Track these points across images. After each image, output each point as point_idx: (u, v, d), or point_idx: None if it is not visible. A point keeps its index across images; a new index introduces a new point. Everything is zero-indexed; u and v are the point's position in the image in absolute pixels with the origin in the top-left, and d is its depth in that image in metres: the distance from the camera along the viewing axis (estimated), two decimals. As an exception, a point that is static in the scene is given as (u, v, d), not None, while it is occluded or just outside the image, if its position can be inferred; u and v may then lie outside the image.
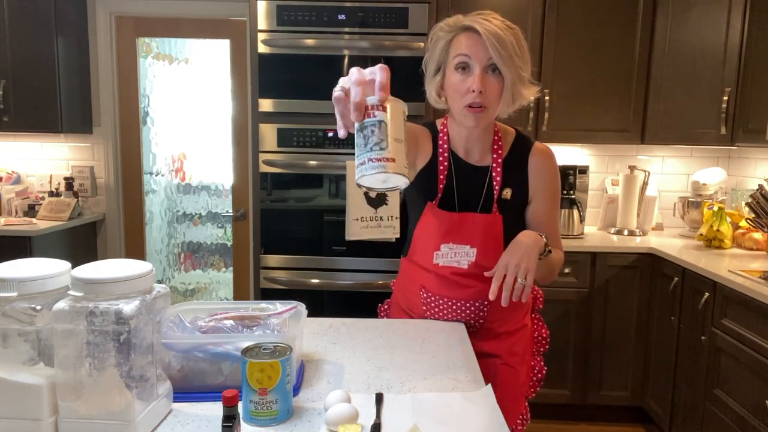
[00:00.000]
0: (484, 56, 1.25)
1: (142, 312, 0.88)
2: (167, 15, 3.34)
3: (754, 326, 2.05)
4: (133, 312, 0.86)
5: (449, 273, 1.43)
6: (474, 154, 1.43)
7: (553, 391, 2.90)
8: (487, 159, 1.42)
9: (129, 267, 0.91)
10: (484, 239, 1.39)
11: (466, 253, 1.40)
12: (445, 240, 1.41)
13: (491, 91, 1.27)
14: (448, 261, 1.42)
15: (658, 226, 3.33)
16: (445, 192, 1.41)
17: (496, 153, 1.41)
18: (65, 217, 3.14)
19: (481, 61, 1.26)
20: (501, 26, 1.25)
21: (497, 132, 1.43)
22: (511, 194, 1.41)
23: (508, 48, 1.24)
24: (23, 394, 0.87)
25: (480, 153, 1.42)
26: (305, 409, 1.01)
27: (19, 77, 3.05)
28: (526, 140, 1.45)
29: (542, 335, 1.60)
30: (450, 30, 1.31)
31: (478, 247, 1.40)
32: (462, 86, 1.28)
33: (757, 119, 2.73)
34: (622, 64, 2.97)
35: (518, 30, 1.29)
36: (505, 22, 1.28)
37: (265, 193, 2.78)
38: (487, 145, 1.42)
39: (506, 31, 1.25)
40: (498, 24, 1.25)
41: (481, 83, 1.25)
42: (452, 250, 1.41)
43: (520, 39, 1.28)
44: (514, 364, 1.47)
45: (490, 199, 1.41)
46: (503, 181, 1.41)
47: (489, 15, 1.28)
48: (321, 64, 2.69)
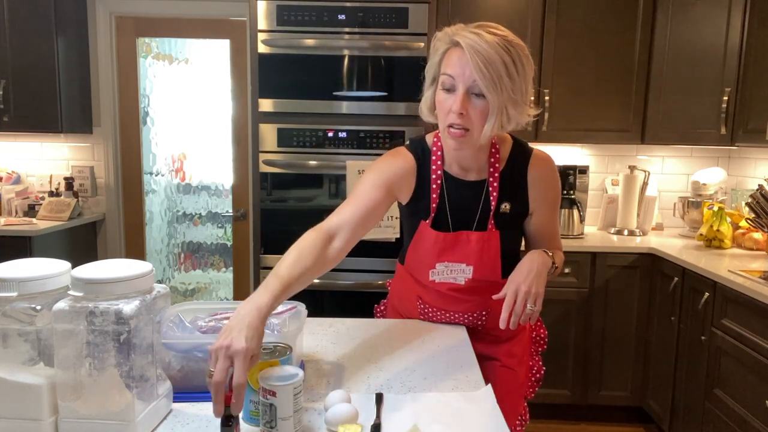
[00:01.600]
0: (468, 77, 1.15)
1: (142, 312, 0.88)
2: (167, 15, 3.34)
3: (754, 326, 2.05)
4: (133, 312, 0.86)
5: (446, 289, 1.42)
6: (470, 168, 1.36)
7: (553, 391, 2.90)
8: (484, 173, 1.36)
9: (129, 267, 0.91)
10: (480, 257, 1.36)
11: (462, 271, 1.38)
12: (440, 259, 1.38)
13: (474, 114, 1.18)
14: (444, 278, 1.40)
15: (658, 226, 3.33)
16: (438, 211, 1.36)
17: (493, 167, 1.35)
18: (65, 217, 3.14)
19: (465, 82, 1.16)
20: (493, 43, 1.13)
21: (494, 144, 1.36)
22: (509, 207, 1.36)
23: (497, 70, 1.13)
24: (23, 394, 0.87)
25: (477, 168, 1.36)
26: (305, 409, 1.01)
27: (19, 77, 3.05)
28: (524, 149, 1.38)
29: (540, 335, 1.59)
30: (446, 41, 1.21)
31: (474, 265, 1.37)
32: (445, 105, 1.21)
33: (757, 119, 2.73)
34: (622, 64, 2.97)
35: (521, 48, 1.18)
36: (505, 38, 1.16)
37: (265, 193, 2.78)
38: (483, 159, 1.35)
39: (500, 51, 1.13)
40: (491, 40, 1.13)
41: (462, 105, 1.17)
42: (448, 268, 1.38)
43: (519, 58, 1.16)
44: (513, 366, 1.47)
45: (486, 215, 1.36)
46: (501, 194, 1.36)
47: (487, 29, 1.16)
48: (321, 64, 2.69)
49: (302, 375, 0.92)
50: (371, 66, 2.70)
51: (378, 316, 1.69)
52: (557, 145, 3.29)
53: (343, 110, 2.72)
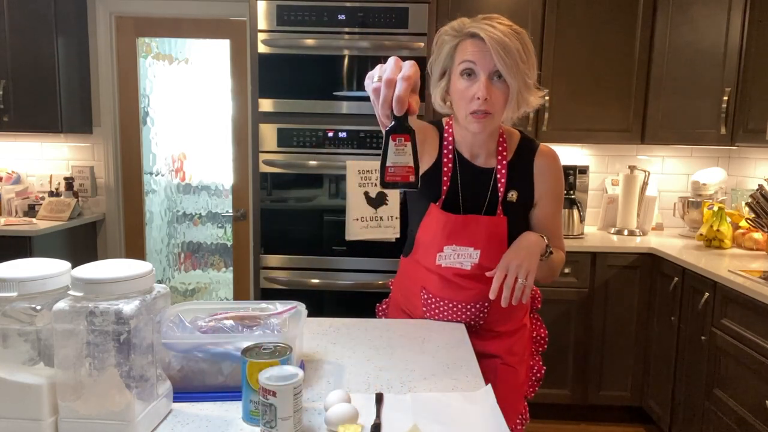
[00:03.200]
0: (489, 64, 1.25)
1: (142, 312, 0.88)
2: (167, 15, 3.34)
3: (754, 326, 2.05)
4: (133, 312, 0.86)
5: (451, 274, 1.43)
6: (479, 156, 1.42)
7: (553, 391, 2.90)
8: (492, 161, 1.42)
9: (129, 267, 0.91)
10: (488, 241, 1.39)
11: (469, 255, 1.40)
12: (448, 242, 1.40)
13: (496, 99, 1.27)
14: (450, 262, 1.42)
15: (658, 226, 3.33)
16: (449, 193, 1.41)
17: (501, 155, 1.41)
18: (65, 217, 3.14)
19: (486, 69, 1.25)
20: (507, 32, 1.24)
21: (502, 134, 1.43)
22: (516, 196, 1.41)
23: (513, 56, 1.23)
24: (23, 394, 0.87)
25: (485, 156, 1.42)
26: (305, 409, 1.00)
27: (19, 77, 3.05)
28: (531, 142, 1.45)
29: (541, 335, 1.60)
30: (456, 35, 1.30)
31: (482, 249, 1.39)
32: (467, 93, 1.28)
33: (757, 119, 2.73)
34: (622, 64, 2.97)
35: (524, 34, 1.28)
36: (511, 26, 1.26)
37: (265, 193, 2.78)
38: (492, 148, 1.42)
39: (512, 37, 1.23)
40: (503, 30, 1.24)
41: (486, 90, 1.25)
42: (455, 252, 1.41)
43: (526, 44, 1.27)
44: (514, 364, 1.48)
45: (495, 201, 1.41)
46: (508, 183, 1.41)
47: (495, 20, 1.26)
48: (321, 64, 2.69)
49: (302, 375, 0.92)
50: (371, 66, 2.69)
51: (380, 315, 1.70)
52: (557, 145, 3.25)
53: (343, 110, 2.72)
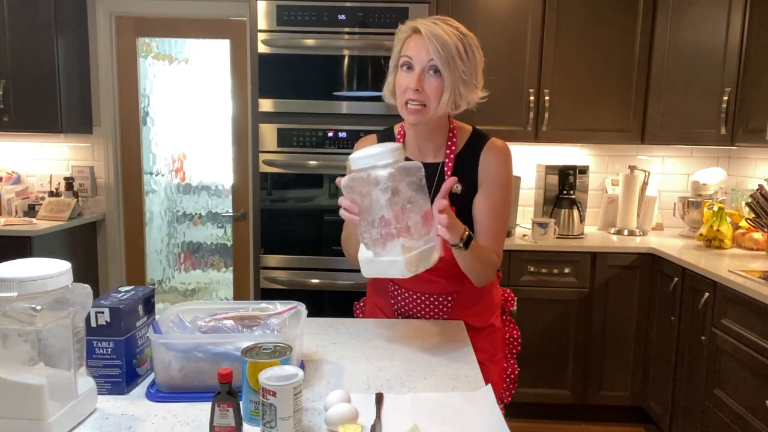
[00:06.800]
0: (425, 57, 1.30)
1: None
2: (167, 15, 3.34)
3: (754, 326, 2.05)
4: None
5: None
6: (427, 152, 1.45)
7: (553, 391, 2.90)
8: (441, 156, 1.45)
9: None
10: None
11: None
12: None
13: (430, 90, 1.31)
14: None
15: (658, 226, 3.33)
16: None
17: (450, 149, 1.44)
18: (65, 217, 3.14)
19: (421, 62, 1.31)
20: (449, 31, 1.29)
21: (452, 129, 1.45)
22: (461, 189, 1.41)
23: (449, 50, 1.28)
24: (23, 394, 0.87)
25: (434, 150, 1.45)
26: (305, 409, 1.01)
27: (19, 77, 3.05)
28: (483, 137, 1.46)
29: (514, 336, 1.62)
30: (406, 31, 1.36)
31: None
32: (403, 83, 1.34)
33: (757, 119, 2.73)
34: (621, 64, 2.97)
35: (472, 38, 1.33)
36: (458, 28, 1.32)
37: (265, 193, 2.78)
38: (440, 142, 1.44)
39: (453, 36, 1.29)
40: (446, 29, 1.29)
41: (418, 82, 1.30)
42: None
43: (470, 46, 1.32)
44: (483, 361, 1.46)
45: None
46: (454, 176, 1.39)
47: (443, 20, 1.32)
48: (321, 64, 2.69)
49: (302, 375, 0.92)
50: (371, 66, 2.70)
51: (357, 313, 1.73)
52: (557, 145, 3.29)
53: (343, 110, 2.72)
